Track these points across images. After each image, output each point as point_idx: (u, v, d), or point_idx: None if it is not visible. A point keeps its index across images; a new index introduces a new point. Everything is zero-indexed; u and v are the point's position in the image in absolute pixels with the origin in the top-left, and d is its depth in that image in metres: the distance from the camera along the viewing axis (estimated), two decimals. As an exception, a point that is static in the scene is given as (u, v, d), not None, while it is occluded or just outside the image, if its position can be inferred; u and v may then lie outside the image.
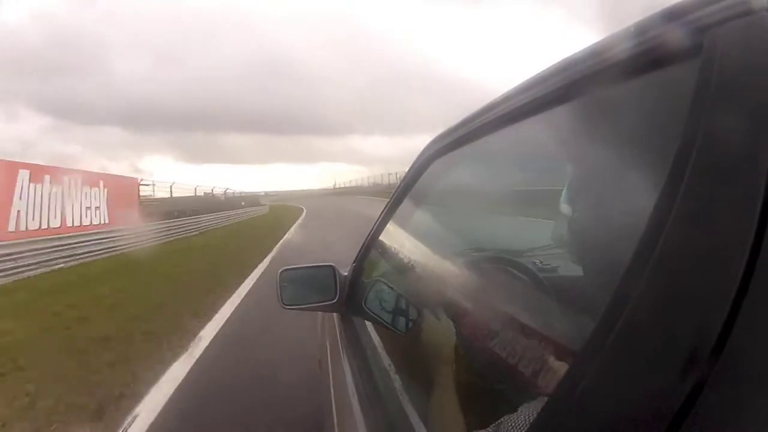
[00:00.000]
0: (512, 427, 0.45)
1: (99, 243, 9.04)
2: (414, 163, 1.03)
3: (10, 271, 6.52)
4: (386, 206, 1.16)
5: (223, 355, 3.44)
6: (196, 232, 14.57)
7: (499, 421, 0.47)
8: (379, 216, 1.19)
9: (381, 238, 1.22)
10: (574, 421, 0.29)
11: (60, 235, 8.03)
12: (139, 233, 10.51)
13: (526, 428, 0.44)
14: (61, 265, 7.61)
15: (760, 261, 0.23)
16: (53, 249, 7.59)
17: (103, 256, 8.90)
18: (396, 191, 1.13)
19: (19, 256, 6.78)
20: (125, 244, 9.73)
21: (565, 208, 0.61)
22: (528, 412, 0.45)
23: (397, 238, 1.25)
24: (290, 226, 16.48)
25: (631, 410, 0.25)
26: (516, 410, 0.46)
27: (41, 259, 7.22)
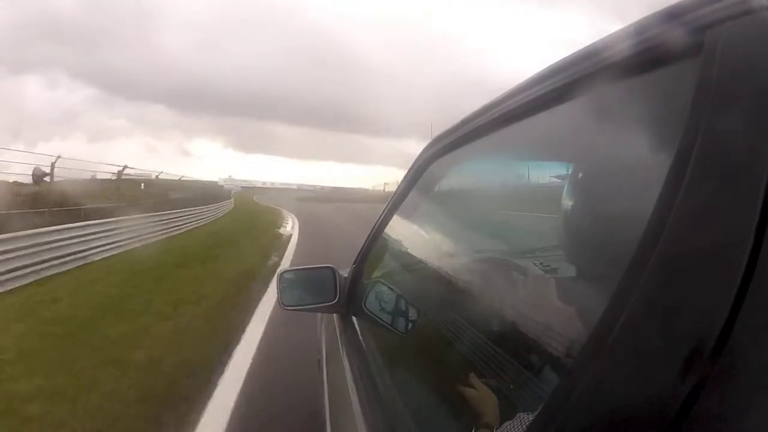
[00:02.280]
0: (512, 427, 0.45)
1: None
2: (414, 164, 1.03)
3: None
4: (386, 207, 1.16)
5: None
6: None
7: (500, 420, 0.47)
8: (379, 216, 1.19)
9: (381, 238, 1.22)
10: (575, 421, 0.29)
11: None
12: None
13: (525, 428, 0.44)
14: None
15: (760, 261, 0.23)
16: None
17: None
18: (396, 192, 1.12)
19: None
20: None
21: (565, 207, 0.61)
22: (528, 411, 0.45)
23: (396, 239, 1.24)
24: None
25: (632, 410, 0.25)
26: (516, 410, 0.46)
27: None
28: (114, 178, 12.70)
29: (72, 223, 6.55)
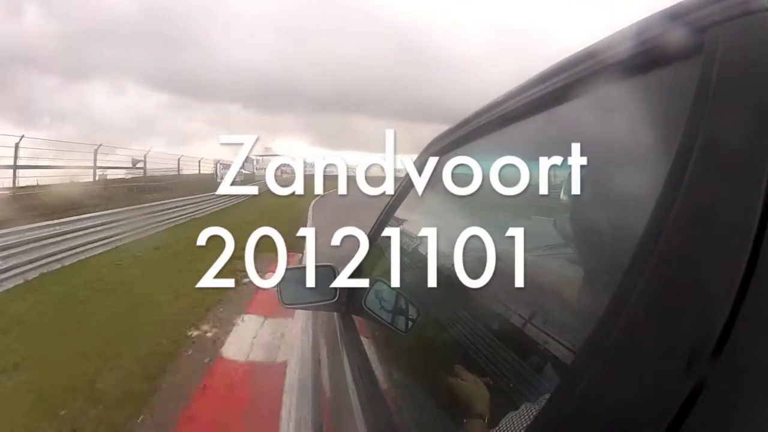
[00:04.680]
0: (512, 426, 0.45)
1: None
2: (414, 163, 1.03)
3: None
4: (386, 206, 1.16)
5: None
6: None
7: (500, 420, 0.47)
8: (380, 215, 1.19)
9: (381, 237, 1.22)
10: (575, 421, 0.29)
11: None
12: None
13: (526, 427, 0.44)
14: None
15: (760, 261, 0.23)
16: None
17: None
18: (396, 190, 1.12)
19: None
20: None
21: (565, 207, 0.61)
22: (528, 411, 0.45)
23: (397, 238, 1.24)
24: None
25: (632, 410, 0.25)
26: (516, 410, 0.46)
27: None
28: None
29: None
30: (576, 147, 0.62)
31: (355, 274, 1.22)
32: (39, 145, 10.73)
